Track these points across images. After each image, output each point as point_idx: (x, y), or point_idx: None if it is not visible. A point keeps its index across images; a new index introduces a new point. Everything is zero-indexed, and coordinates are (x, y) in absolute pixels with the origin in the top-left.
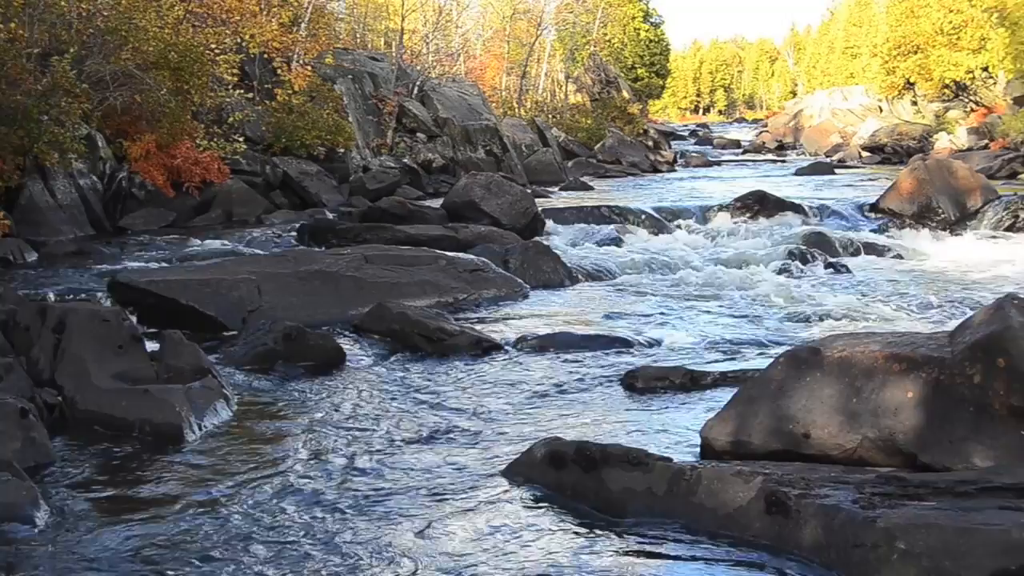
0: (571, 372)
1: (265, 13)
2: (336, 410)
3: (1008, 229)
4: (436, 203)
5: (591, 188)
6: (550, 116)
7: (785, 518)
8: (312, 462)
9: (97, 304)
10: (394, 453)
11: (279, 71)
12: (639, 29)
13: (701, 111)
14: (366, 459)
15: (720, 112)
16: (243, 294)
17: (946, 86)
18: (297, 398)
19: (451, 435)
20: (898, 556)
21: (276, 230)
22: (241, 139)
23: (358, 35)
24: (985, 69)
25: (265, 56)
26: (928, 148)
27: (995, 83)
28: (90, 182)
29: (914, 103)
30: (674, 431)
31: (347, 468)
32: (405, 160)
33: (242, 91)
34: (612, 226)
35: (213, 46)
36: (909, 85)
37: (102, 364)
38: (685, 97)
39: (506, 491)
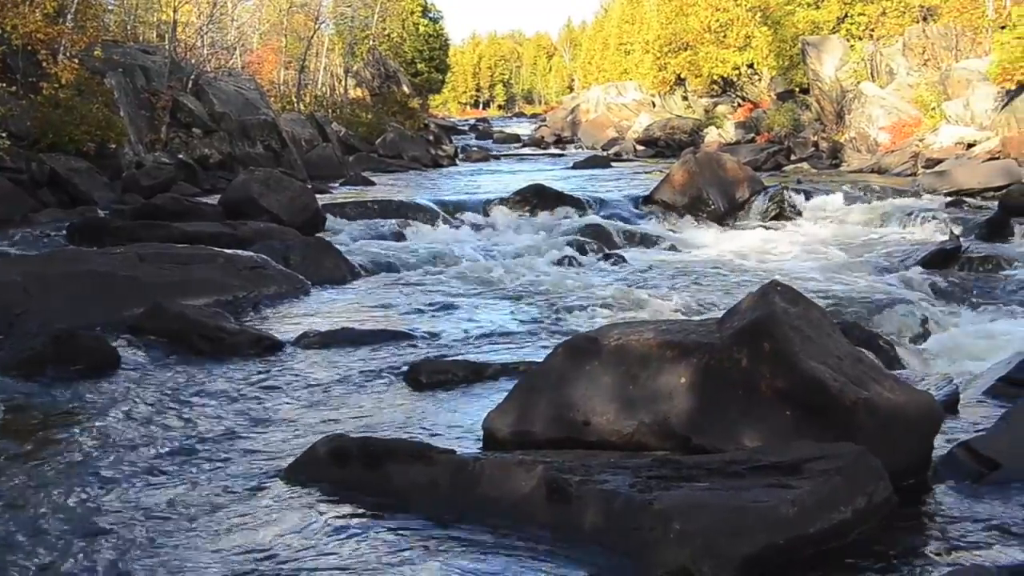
0: (354, 368)
1: (28, 3)
2: (108, 415)
3: (774, 219)
4: (214, 200)
5: (373, 183)
6: (330, 111)
7: (567, 505)
8: (80, 473)
9: None
10: (168, 459)
11: (44, 64)
12: (418, 24)
13: (481, 106)
14: (139, 467)
15: (500, 107)
16: (9, 297)
17: (714, 82)
18: (68, 403)
19: (230, 437)
20: (674, 536)
21: (44, 229)
22: (4, 135)
23: (129, 27)
24: (751, 66)
25: (29, 48)
26: (699, 141)
27: (760, 79)
28: None
29: (685, 98)
30: (458, 424)
31: (118, 478)
32: (180, 156)
33: (4, 85)
34: (394, 221)
35: None
36: (680, 81)
37: None
38: (465, 92)
39: (287, 492)
